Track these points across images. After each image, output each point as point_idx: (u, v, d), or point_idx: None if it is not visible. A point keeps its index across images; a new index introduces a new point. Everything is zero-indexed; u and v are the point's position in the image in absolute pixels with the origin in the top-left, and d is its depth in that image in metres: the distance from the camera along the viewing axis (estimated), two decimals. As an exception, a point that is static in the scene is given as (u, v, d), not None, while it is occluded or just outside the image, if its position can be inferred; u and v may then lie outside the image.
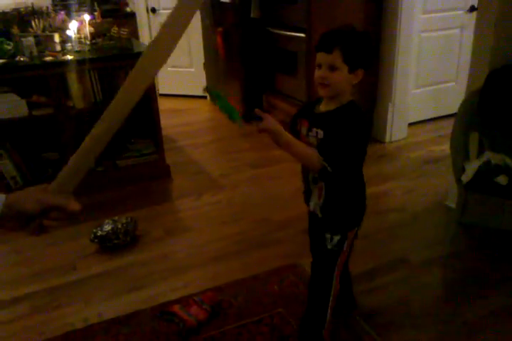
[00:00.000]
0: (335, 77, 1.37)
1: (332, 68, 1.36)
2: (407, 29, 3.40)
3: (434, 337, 1.82)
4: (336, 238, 1.53)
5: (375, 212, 2.62)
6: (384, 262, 2.23)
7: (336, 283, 1.60)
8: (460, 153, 2.23)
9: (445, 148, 2.71)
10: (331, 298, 1.61)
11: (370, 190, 1.57)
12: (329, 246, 1.54)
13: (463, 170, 2.13)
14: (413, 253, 2.31)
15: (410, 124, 3.81)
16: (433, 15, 3.66)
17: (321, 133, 1.41)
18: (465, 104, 2.28)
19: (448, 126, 2.60)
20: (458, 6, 3.74)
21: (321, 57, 1.38)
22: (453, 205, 2.50)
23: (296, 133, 1.50)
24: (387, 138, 3.64)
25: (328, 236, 1.54)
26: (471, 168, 2.09)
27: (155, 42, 0.97)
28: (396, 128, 3.65)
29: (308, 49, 3.39)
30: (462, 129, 2.23)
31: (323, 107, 1.46)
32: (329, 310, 1.63)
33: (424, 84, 3.86)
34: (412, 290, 2.07)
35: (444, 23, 3.74)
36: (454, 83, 3.96)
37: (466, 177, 2.10)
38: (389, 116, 3.58)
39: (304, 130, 1.48)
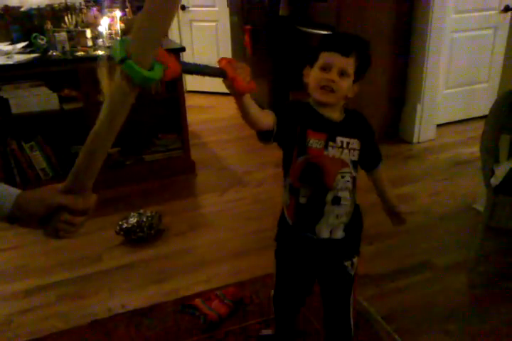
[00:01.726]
0: (343, 84, 1.24)
1: (343, 73, 1.23)
2: (439, 29, 3.35)
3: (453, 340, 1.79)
4: (355, 260, 1.39)
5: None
6: (409, 264, 2.21)
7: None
8: (490, 156, 2.18)
9: (474, 150, 2.65)
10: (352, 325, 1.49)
11: (396, 191, 1.56)
12: (352, 272, 1.39)
13: (492, 172, 2.09)
14: (439, 256, 2.27)
15: (439, 125, 3.75)
16: (465, 15, 3.60)
17: (354, 143, 1.29)
18: (497, 105, 2.23)
19: (478, 128, 2.55)
20: (491, 6, 3.66)
21: (333, 58, 1.23)
22: (481, 208, 2.45)
23: (299, 146, 1.27)
24: (415, 139, 3.59)
25: (348, 263, 1.37)
26: (501, 170, 2.04)
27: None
28: (424, 129, 3.60)
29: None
30: (493, 131, 2.18)
31: (330, 114, 1.30)
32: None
33: (454, 85, 3.79)
34: (436, 293, 2.04)
35: (477, 23, 3.67)
36: (485, 84, 3.88)
37: (495, 180, 2.05)
38: (417, 117, 3.54)
39: (316, 142, 1.26)
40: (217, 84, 4.96)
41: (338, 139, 1.27)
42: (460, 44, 3.67)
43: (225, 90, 1.14)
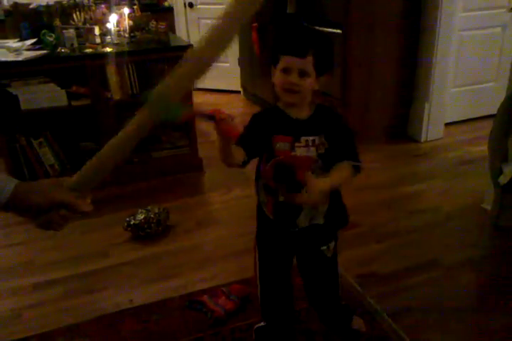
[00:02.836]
0: (305, 84, 1.26)
1: (303, 74, 1.24)
2: (447, 27, 3.34)
3: (460, 339, 1.79)
4: (332, 244, 1.49)
5: (408, 212, 2.59)
6: (416, 262, 2.20)
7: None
8: (498, 155, 2.18)
9: (482, 149, 2.64)
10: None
11: (404, 190, 1.55)
12: (329, 254, 1.49)
13: (500, 171, 2.09)
14: (446, 255, 2.27)
15: (447, 124, 3.73)
16: (473, 13, 3.57)
17: (319, 139, 1.31)
18: (505, 104, 2.22)
19: (486, 127, 2.54)
20: (500, 4, 3.63)
21: (290, 61, 1.24)
22: (489, 207, 2.45)
23: (268, 152, 1.33)
24: (423, 138, 3.58)
25: (324, 248, 1.47)
26: (509, 169, 2.04)
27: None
28: (432, 128, 3.58)
29: (344, 46, 3.36)
30: (501, 130, 2.18)
31: (297, 113, 1.33)
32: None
33: (462, 84, 3.77)
34: (443, 292, 2.03)
35: (485, 21, 3.64)
36: (493, 83, 3.85)
37: (503, 179, 2.05)
38: (425, 116, 3.52)
39: (283, 145, 1.31)
40: (224, 82, 4.98)
41: (303, 139, 1.31)
42: (468, 42, 3.65)
43: (232, 88, 1.18)
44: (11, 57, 2.73)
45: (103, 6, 3.39)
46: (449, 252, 2.29)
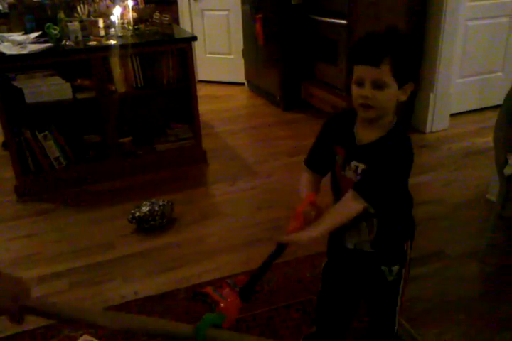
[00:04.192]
0: (382, 97, 1.12)
1: (379, 86, 1.11)
2: (453, 17, 3.31)
3: (468, 330, 1.79)
4: (395, 268, 1.35)
5: (413, 203, 2.57)
6: (421, 253, 2.19)
7: (400, 306, 1.45)
8: (504, 145, 2.16)
9: (488, 140, 2.63)
10: (396, 317, 1.47)
11: (409, 181, 1.53)
12: (390, 278, 1.36)
13: (506, 162, 2.07)
14: (451, 246, 2.27)
15: (453, 115, 3.71)
16: (480, 2, 3.54)
17: (363, 169, 1.21)
18: (511, 95, 2.20)
19: (492, 118, 2.52)
20: (507, -6, 3.60)
21: (363, 71, 1.12)
22: (494, 198, 2.43)
23: (323, 162, 1.32)
24: (428, 129, 3.57)
25: (385, 268, 1.35)
26: (515, 160, 2.02)
27: None
28: (437, 119, 3.56)
29: (349, 36, 3.34)
30: (507, 120, 2.16)
31: (362, 134, 1.22)
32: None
33: (468, 74, 3.74)
34: (448, 282, 2.04)
35: (492, 11, 3.60)
36: (500, 73, 3.82)
37: (508, 170, 2.03)
38: (430, 106, 3.50)
39: (339, 160, 1.26)
40: (228, 74, 4.97)
41: (352, 163, 1.23)
42: (474, 32, 3.61)
43: (236, 80, 1.16)
44: (15, 51, 2.73)
45: (107, -2, 3.38)
46: (454, 243, 2.29)
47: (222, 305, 1.17)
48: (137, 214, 2.44)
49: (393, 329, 1.54)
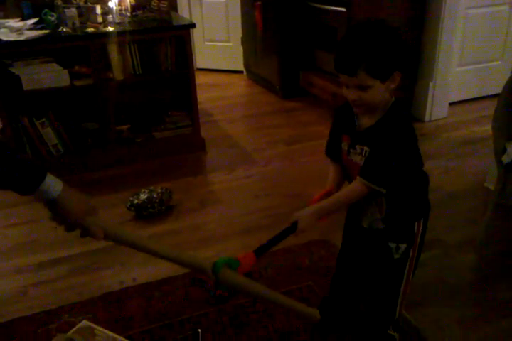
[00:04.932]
0: (368, 96, 1.20)
1: (363, 88, 1.19)
2: (453, 5, 3.28)
3: (465, 316, 1.81)
4: (403, 246, 1.41)
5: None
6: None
7: (402, 293, 1.51)
8: (502, 133, 2.16)
9: (487, 128, 2.62)
10: (400, 301, 1.53)
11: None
12: (396, 256, 1.42)
13: (504, 150, 2.07)
14: (449, 234, 2.28)
15: (452, 103, 3.71)
16: (480, -10, 3.51)
17: (366, 151, 1.29)
18: (510, 83, 2.19)
19: (491, 106, 2.51)
20: (508, -19, 3.57)
21: (344, 78, 1.21)
22: (492, 187, 2.44)
23: (338, 151, 1.41)
24: (427, 117, 3.56)
25: (393, 245, 1.41)
26: (513, 148, 2.03)
27: None
28: (436, 107, 3.56)
29: (348, 24, 3.32)
30: (505, 109, 2.15)
31: (362, 121, 1.32)
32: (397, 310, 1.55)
33: (468, 63, 3.73)
34: (444, 269, 2.05)
35: (492, -1, 3.58)
36: (499, 62, 3.81)
37: (507, 158, 2.04)
38: (429, 95, 3.50)
39: (345, 146, 1.37)
40: (227, 62, 4.93)
41: (357, 146, 1.32)
42: (474, 21, 3.59)
43: (235, 68, 1.20)
44: (12, 37, 2.71)
45: (104, -16, 3.35)
46: (451, 231, 2.30)
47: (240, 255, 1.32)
48: (135, 201, 2.45)
49: (392, 317, 1.56)
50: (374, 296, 1.58)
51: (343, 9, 3.34)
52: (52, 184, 1.08)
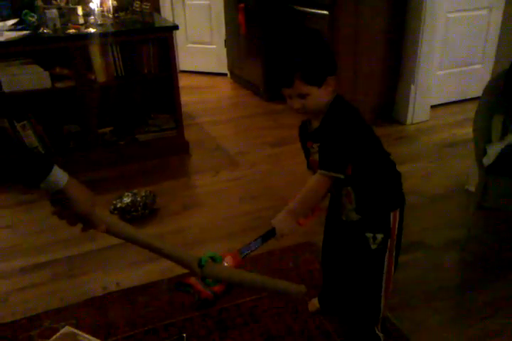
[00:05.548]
0: (310, 102, 1.32)
1: (302, 96, 1.31)
2: (434, 9, 3.32)
3: (448, 318, 1.83)
4: (380, 236, 1.45)
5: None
6: (401, 243, 2.23)
7: (385, 288, 1.54)
8: (483, 136, 2.19)
9: (468, 131, 2.66)
10: (383, 297, 1.56)
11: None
12: (373, 246, 1.45)
13: (485, 152, 2.10)
14: (431, 236, 2.30)
15: (433, 106, 3.76)
16: (461, -6, 3.56)
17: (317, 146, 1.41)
18: (490, 86, 2.23)
19: (472, 110, 2.54)
20: (487, -14, 3.63)
21: (284, 90, 1.33)
22: (473, 189, 2.47)
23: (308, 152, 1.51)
24: (408, 120, 3.60)
25: (369, 235, 1.45)
26: (494, 150, 2.06)
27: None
28: (418, 110, 3.60)
29: (332, 27, 3.34)
30: (486, 111, 2.19)
31: (314, 123, 1.43)
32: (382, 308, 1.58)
33: (449, 66, 3.78)
34: (428, 271, 2.07)
35: (472, 3, 3.63)
36: (480, 65, 3.87)
37: (487, 160, 2.07)
38: (411, 98, 3.53)
39: (306, 150, 1.50)
40: (210, 64, 4.91)
41: (314, 146, 1.42)
42: (455, 24, 3.64)
43: (219, 70, 1.24)
44: (-9, 38, 2.67)
45: (86, -15, 3.31)
46: (433, 233, 2.33)
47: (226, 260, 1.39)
48: (119, 205, 2.43)
49: (377, 313, 1.58)
50: (356, 289, 1.60)
51: (326, 12, 3.36)
52: (60, 174, 1.10)
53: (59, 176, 1.10)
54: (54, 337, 1.63)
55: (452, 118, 3.67)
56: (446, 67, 3.78)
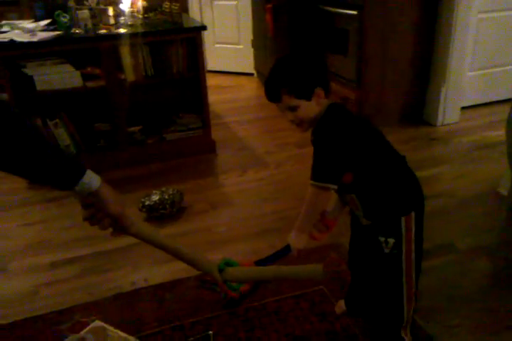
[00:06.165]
0: (301, 114, 1.35)
1: (293, 109, 1.35)
2: (465, 9, 3.27)
3: (476, 324, 1.79)
4: (391, 240, 1.43)
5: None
6: (431, 246, 2.19)
7: (407, 291, 1.52)
8: (516, 138, 2.14)
9: (499, 133, 2.61)
10: (405, 301, 1.53)
11: (419, 174, 1.51)
12: (386, 250, 1.44)
13: (518, 155, 2.06)
14: (461, 240, 2.26)
15: (464, 108, 3.69)
16: (493, -5, 3.50)
17: None
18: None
19: (504, 111, 2.50)
20: (521, -14, 3.55)
21: (277, 105, 1.38)
22: (505, 192, 2.42)
23: None
24: (439, 122, 3.54)
25: (382, 239, 1.44)
26: (528, 153, 2.01)
27: None
28: (448, 112, 3.54)
29: (360, 27, 3.31)
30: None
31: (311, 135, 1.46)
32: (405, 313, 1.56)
33: (480, 67, 3.71)
34: (457, 276, 2.03)
35: (505, 3, 3.56)
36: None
37: (521, 163, 2.03)
38: (441, 99, 3.48)
39: None
40: (237, 64, 4.95)
41: None
42: (487, 25, 3.57)
43: (245, 70, 1.28)
44: (25, 38, 2.73)
45: (117, -14, 3.36)
46: (464, 237, 2.28)
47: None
48: (147, 202, 2.45)
49: (401, 316, 1.55)
50: (377, 291, 1.58)
51: (354, 12, 3.34)
52: (93, 177, 1.13)
53: (92, 179, 1.13)
54: (85, 330, 1.65)
55: (483, 120, 3.60)
56: (478, 68, 3.71)
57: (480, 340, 1.72)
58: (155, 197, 2.45)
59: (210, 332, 1.75)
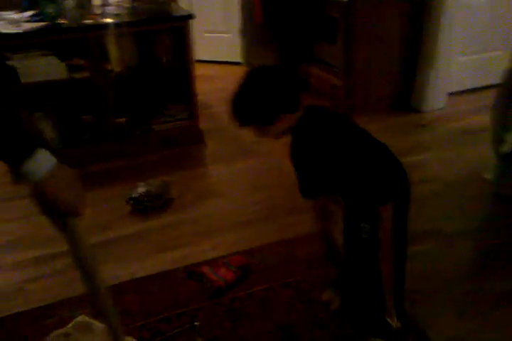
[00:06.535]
0: (270, 134, 1.49)
1: (261, 131, 1.48)
2: (454, -6, 3.24)
3: (461, 306, 1.81)
4: (367, 226, 1.46)
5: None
6: (416, 232, 2.18)
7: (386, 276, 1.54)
8: (500, 124, 2.15)
9: (485, 119, 2.60)
10: (384, 289, 1.54)
11: (405, 160, 1.53)
12: (364, 235, 1.47)
13: (501, 141, 2.06)
14: (446, 225, 2.27)
15: (452, 93, 3.68)
16: (483, -22, 3.46)
17: None
18: (509, 73, 2.17)
19: (491, 97, 2.49)
20: (510, -31, 3.52)
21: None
22: (490, 177, 2.43)
23: None
24: (427, 108, 3.54)
25: (363, 225, 1.46)
26: (511, 138, 2.02)
27: None
28: (436, 97, 3.53)
29: (349, 14, 3.28)
30: (505, 99, 2.14)
31: None
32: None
33: (469, 52, 3.69)
34: (443, 260, 2.05)
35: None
36: (501, 52, 3.76)
37: (504, 149, 2.03)
38: (430, 85, 3.47)
39: None
40: (225, 53, 4.89)
41: None
42: (476, 10, 3.54)
43: (234, 59, 1.30)
44: (10, 29, 2.68)
45: (102, -25, 3.31)
46: (450, 221, 2.30)
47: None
48: (134, 195, 2.45)
49: (381, 301, 1.56)
50: (355, 276, 1.60)
51: (343, 0, 3.30)
52: (44, 161, 0.91)
53: (39, 165, 0.90)
54: (69, 325, 1.66)
55: (471, 106, 3.59)
56: (467, 53, 3.68)
57: (466, 321, 1.74)
58: (141, 190, 2.44)
59: (197, 323, 1.76)
